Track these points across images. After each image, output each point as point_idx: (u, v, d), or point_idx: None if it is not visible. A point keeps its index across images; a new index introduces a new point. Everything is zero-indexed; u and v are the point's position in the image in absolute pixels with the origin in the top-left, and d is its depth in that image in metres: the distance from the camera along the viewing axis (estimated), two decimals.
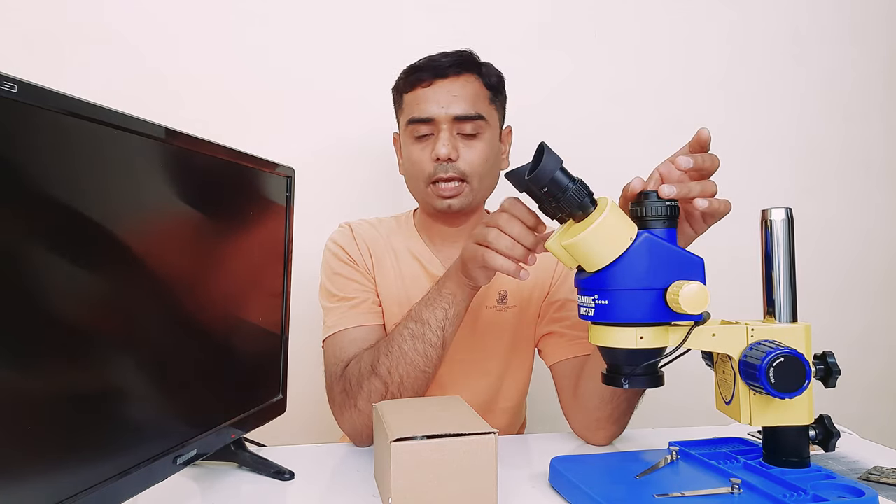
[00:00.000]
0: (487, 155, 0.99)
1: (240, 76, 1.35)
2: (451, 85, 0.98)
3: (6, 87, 0.45)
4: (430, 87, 0.98)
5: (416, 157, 0.99)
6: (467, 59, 1.00)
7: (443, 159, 0.96)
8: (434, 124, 0.97)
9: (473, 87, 0.99)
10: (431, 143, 0.98)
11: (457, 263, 0.86)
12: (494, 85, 1.02)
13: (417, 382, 0.86)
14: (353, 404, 0.88)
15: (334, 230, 1.08)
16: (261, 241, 0.85)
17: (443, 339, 0.86)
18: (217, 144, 0.73)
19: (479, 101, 0.99)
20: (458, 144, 0.97)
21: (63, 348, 0.52)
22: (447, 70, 0.98)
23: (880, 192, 1.62)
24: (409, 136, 1.01)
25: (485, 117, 0.98)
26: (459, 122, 0.97)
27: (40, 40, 1.28)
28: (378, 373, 0.86)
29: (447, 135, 0.96)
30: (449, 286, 0.86)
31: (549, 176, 0.65)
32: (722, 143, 1.53)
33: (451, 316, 0.86)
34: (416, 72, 0.99)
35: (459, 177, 0.97)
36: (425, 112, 0.97)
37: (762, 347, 0.64)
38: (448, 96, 0.97)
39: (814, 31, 1.58)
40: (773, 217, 0.70)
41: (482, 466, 0.65)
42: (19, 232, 0.48)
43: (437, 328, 0.85)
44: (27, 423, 0.48)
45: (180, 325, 0.69)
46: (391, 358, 0.86)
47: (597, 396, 0.89)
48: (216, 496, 0.74)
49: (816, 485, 0.63)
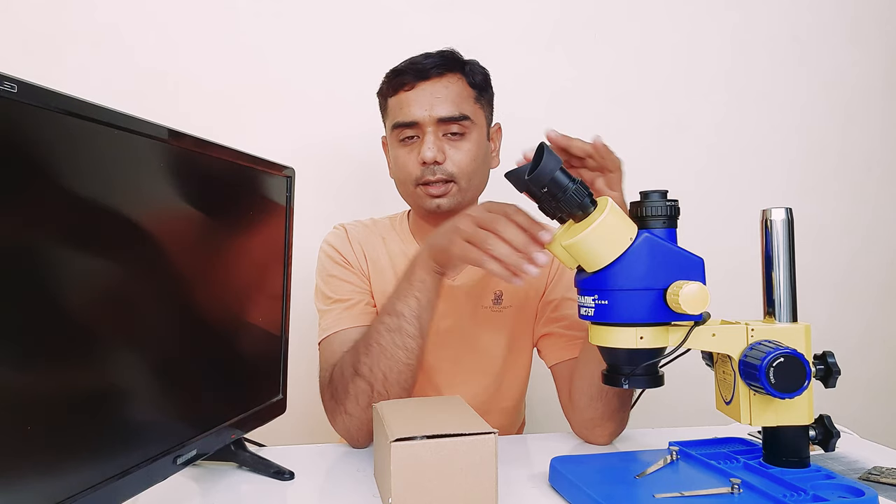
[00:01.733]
0: (475, 154, 0.98)
1: (239, 76, 1.35)
2: (433, 86, 0.96)
3: (6, 87, 0.45)
4: (413, 89, 0.97)
5: (403, 161, 0.99)
6: (450, 58, 0.99)
7: (429, 163, 0.95)
8: (419, 127, 0.97)
9: (457, 87, 0.98)
10: (417, 147, 0.97)
11: (426, 251, 0.84)
12: (479, 83, 1.01)
13: (402, 377, 0.84)
14: (343, 410, 0.87)
15: (329, 231, 1.08)
16: (261, 241, 0.85)
17: (420, 328, 0.84)
18: (217, 144, 0.73)
19: (463, 101, 0.97)
20: (444, 146, 0.96)
21: (63, 349, 0.52)
22: (429, 72, 0.96)
23: (880, 192, 1.62)
24: (395, 139, 1.00)
25: (470, 117, 0.97)
26: (444, 123, 0.96)
27: (40, 40, 1.28)
28: (361, 373, 0.85)
29: (432, 137, 0.96)
30: (418, 274, 0.85)
31: (549, 176, 0.65)
32: (722, 143, 1.55)
33: (425, 303, 0.84)
34: (399, 75, 0.98)
35: (447, 178, 0.96)
36: (409, 115, 0.96)
37: (762, 347, 0.64)
38: (431, 98, 0.96)
39: (814, 31, 1.58)
40: (773, 217, 0.70)
41: (482, 466, 0.65)
42: (19, 232, 0.48)
43: (412, 318, 0.84)
44: (27, 423, 0.48)
45: (180, 325, 0.69)
46: (371, 356, 0.84)
47: (586, 395, 0.90)
48: (216, 496, 0.74)
49: (816, 485, 0.63)
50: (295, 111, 1.38)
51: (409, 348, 0.84)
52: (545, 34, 1.46)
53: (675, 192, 0.70)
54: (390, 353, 0.84)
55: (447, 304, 1.01)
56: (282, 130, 1.37)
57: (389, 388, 0.84)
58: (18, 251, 0.48)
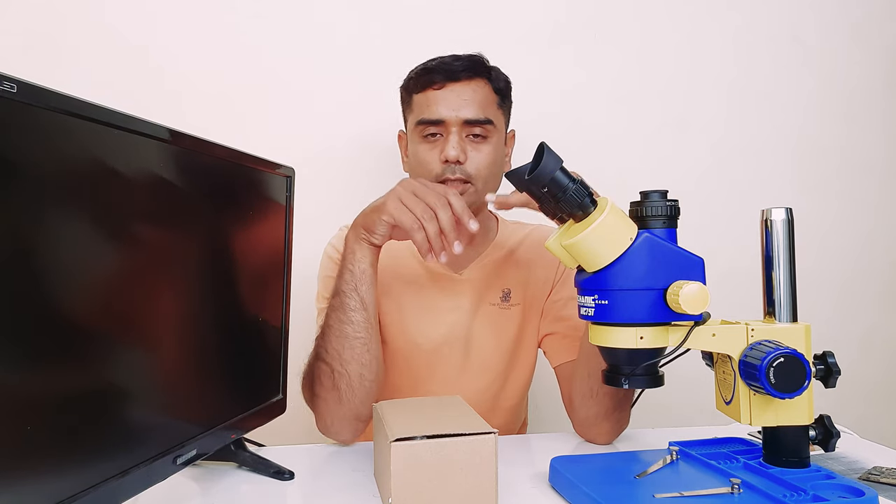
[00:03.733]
0: (494, 158, 1.00)
1: (240, 76, 1.35)
2: (462, 89, 0.98)
3: (6, 87, 0.45)
4: (442, 89, 0.98)
5: (424, 157, 1.00)
6: (478, 63, 1.01)
7: (452, 161, 0.97)
8: (444, 126, 0.98)
9: (483, 91, 1.00)
10: (440, 145, 0.99)
11: (357, 218, 0.89)
12: (502, 90, 1.03)
13: (356, 353, 0.86)
14: (315, 396, 0.90)
15: (334, 234, 1.09)
16: (261, 241, 0.85)
17: (360, 300, 0.87)
18: (217, 144, 0.73)
19: (488, 106, 0.99)
20: (466, 147, 0.98)
21: (63, 348, 0.52)
22: (459, 74, 0.98)
23: (881, 192, 1.62)
24: (417, 135, 1.01)
25: (493, 121, 0.99)
26: (469, 125, 0.98)
27: (39, 40, 1.28)
28: (321, 357, 0.88)
29: (457, 138, 0.97)
30: (349, 246, 0.89)
31: (550, 176, 0.65)
32: (723, 142, 1.55)
33: (359, 273, 0.87)
34: (428, 73, 1.00)
35: (465, 178, 0.98)
36: (436, 114, 0.98)
37: (762, 347, 0.64)
38: (459, 100, 0.98)
39: (815, 31, 1.58)
40: (773, 217, 0.70)
41: (482, 466, 0.65)
42: (19, 232, 0.48)
43: (350, 291, 0.87)
44: (27, 423, 0.48)
45: (180, 324, 0.69)
46: (325, 338, 0.88)
47: (579, 395, 0.92)
48: (216, 496, 0.74)
49: (816, 485, 0.63)
50: (295, 111, 1.38)
51: (355, 321, 0.87)
52: (546, 35, 1.46)
53: (676, 192, 0.71)
54: (338, 330, 0.87)
55: (452, 297, 1.03)
56: (282, 130, 1.37)
57: (347, 365, 0.87)
58: (18, 251, 0.48)
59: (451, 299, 1.03)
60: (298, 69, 1.37)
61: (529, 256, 1.06)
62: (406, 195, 0.84)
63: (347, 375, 0.86)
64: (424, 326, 1.02)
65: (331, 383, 0.87)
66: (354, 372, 0.86)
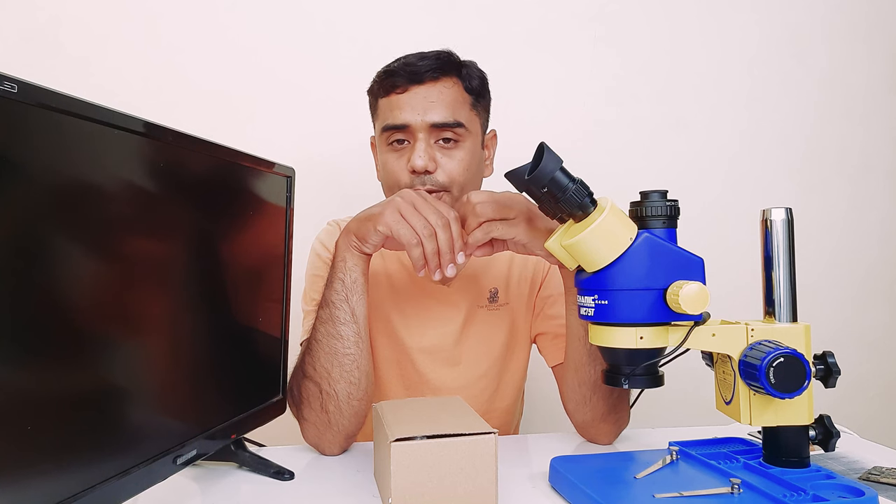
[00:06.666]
0: (468, 164, 0.93)
1: (239, 76, 1.35)
2: (427, 90, 0.91)
3: (6, 87, 0.45)
4: (406, 92, 0.91)
5: (392, 167, 0.94)
6: (446, 61, 0.94)
7: (419, 171, 0.90)
8: (409, 132, 0.92)
9: (452, 91, 0.93)
10: (408, 153, 0.92)
11: (350, 225, 0.83)
12: (476, 88, 0.96)
13: (345, 370, 0.82)
14: (302, 416, 0.86)
15: (322, 228, 1.05)
16: (260, 241, 0.85)
17: (351, 312, 0.82)
18: (217, 144, 0.73)
19: (458, 107, 0.93)
20: (435, 154, 0.91)
21: (63, 348, 0.52)
22: (423, 75, 0.91)
23: (881, 192, 1.63)
24: (384, 143, 0.95)
25: (464, 124, 0.92)
26: (437, 129, 0.91)
27: (40, 41, 1.28)
28: (307, 374, 0.84)
29: (423, 144, 0.90)
30: (340, 254, 0.83)
31: (549, 176, 0.65)
32: (723, 142, 1.55)
33: (350, 283, 0.82)
34: (391, 76, 0.93)
35: (438, 189, 0.92)
36: (400, 119, 0.91)
37: (762, 347, 0.64)
38: (425, 102, 0.91)
39: (815, 31, 1.58)
40: (773, 217, 0.70)
41: (482, 466, 0.65)
42: (19, 232, 0.48)
43: (340, 302, 0.82)
44: (27, 423, 0.48)
45: (180, 325, 0.69)
46: (312, 354, 0.83)
47: (572, 402, 0.90)
48: (216, 496, 0.74)
49: (816, 485, 0.63)
50: (295, 111, 1.38)
51: (344, 336, 0.82)
52: (546, 35, 1.46)
53: (675, 192, 0.71)
54: (326, 345, 0.82)
55: (443, 304, 1.01)
56: (282, 130, 1.37)
57: (335, 385, 0.82)
58: (18, 251, 0.48)
59: (440, 304, 1.00)
60: (298, 69, 1.38)
61: (506, 253, 0.99)
62: (406, 207, 0.78)
63: (336, 397, 0.82)
64: (415, 333, 1.00)
65: (319, 405, 0.83)
66: (343, 392, 0.82)
